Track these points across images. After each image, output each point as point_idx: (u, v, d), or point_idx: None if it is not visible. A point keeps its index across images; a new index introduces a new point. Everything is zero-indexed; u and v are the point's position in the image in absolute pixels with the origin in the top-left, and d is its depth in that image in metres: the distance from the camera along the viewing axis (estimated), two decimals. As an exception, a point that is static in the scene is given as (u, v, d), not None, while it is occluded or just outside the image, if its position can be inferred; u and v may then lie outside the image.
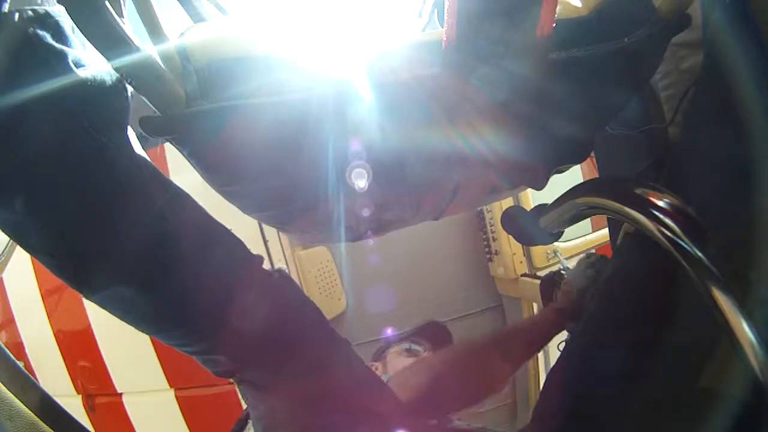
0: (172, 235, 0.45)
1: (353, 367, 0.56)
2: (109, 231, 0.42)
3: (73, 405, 1.73)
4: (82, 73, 0.37)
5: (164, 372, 1.62)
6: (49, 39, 0.36)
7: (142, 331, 0.48)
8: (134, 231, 0.42)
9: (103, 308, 0.45)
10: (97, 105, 0.39)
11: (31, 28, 0.35)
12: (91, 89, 0.38)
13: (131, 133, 0.44)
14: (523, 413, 1.85)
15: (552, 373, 0.58)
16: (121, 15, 0.36)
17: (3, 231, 0.41)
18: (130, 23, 0.37)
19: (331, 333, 0.56)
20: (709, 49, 0.48)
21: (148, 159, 0.46)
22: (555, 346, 0.87)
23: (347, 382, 0.54)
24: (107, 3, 0.33)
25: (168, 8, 0.49)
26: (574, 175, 0.84)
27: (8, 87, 0.35)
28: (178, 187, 0.48)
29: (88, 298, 0.43)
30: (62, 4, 0.36)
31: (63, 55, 0.37)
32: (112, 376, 1.68)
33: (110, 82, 0.39)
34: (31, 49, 0.35)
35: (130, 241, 0.42)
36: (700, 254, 0.35)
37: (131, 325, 0.47)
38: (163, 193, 0.46)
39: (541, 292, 1.01)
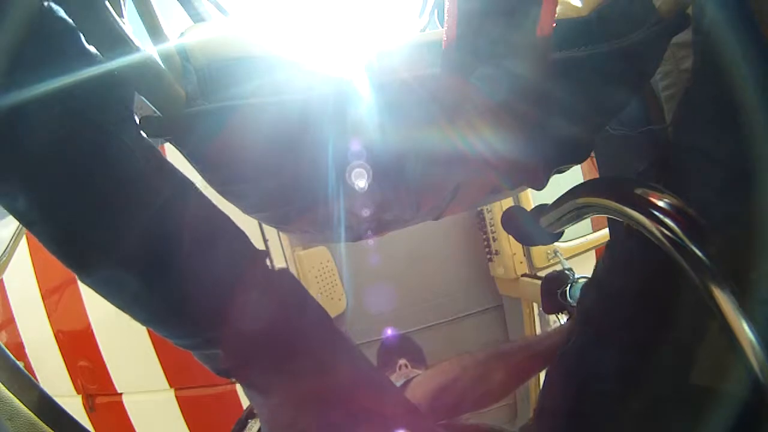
0: (175, 227, 0.44)
1: (356, 367, 0.56)
2: (112, 221, 0.41)
3: (73, 405, 1.73)
4: (93, 49, 0.37)
5: (164, 372, 1.62)
6: (62, 13, 0.36)
7: (138, 321, 0.47)
8: (137, 222, 0.42)
9: (101, 296, 0.45)
10: (107, 87, 0.39)
11: (45, 2, 0.35)
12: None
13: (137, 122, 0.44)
14: (524, 413, 1.85)
15: (551, 371, 0.58)
16: (121, 15, 0.36)
17: (9, 213, 0.41)
18: (130, 23, 0.37)
19: (334, 333, 0.56)
20: (702, 47, 0.48)
21: (155, 147, 0.45)
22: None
23: (349, 382, 0.54)
24: (107, 3, 0.33)
25: (168, 8, 0.49)
26: (574, 175, 0.84)
27: (19, 63, 0.34)
28: (185, 177, 0.48)
29: (86, 284, 0.43)
30: (62, 4, 0.36)
31: (74, 30, 0.36)
32: (112, 376, 1.68)
33: None
34: (45, 23, 0.35)
35: (133, 233, 0.42)
36: (700, 254, 0.35)
37: (128, 314, 0.47)
38: (169, 183, 0.45)
39: (542, 292, 1.01)
